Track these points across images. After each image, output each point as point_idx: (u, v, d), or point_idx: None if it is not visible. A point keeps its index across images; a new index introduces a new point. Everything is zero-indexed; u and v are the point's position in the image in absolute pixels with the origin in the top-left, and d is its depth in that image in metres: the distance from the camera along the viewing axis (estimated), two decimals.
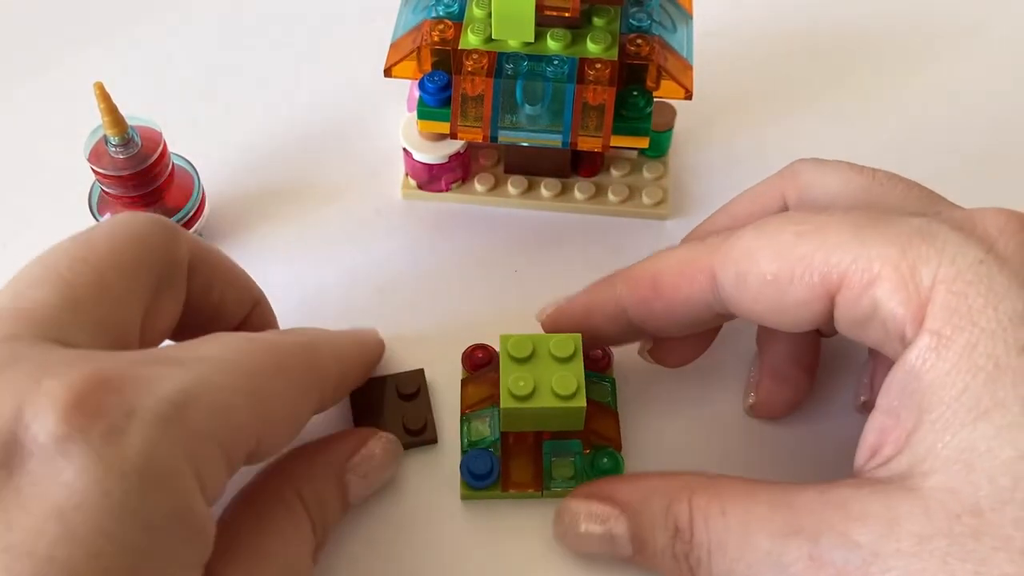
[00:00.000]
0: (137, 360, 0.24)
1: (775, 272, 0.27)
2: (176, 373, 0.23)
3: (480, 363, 0.35)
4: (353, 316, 0.37)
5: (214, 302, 0.31)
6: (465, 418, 0.33)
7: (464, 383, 0.34)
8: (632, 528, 0.28)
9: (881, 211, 0.27)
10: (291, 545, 0.27)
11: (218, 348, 0.26)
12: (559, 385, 0.30)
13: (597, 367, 0.35)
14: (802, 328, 0.28)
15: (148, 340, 0.28)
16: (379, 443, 0.31)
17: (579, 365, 0.31)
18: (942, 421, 0.23)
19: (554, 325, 0.33)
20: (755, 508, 0.26)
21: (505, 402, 0.30)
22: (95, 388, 0.22)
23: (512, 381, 0.30)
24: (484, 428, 0.33)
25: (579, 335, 0.31)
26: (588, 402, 0.30)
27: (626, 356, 0.35)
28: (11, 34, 0.48)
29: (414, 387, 0.34)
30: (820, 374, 0.35)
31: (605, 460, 0.32)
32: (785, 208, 0.32)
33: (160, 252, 0.28)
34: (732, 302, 0.29)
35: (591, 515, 0.29)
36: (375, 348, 0.35)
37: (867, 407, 0.34)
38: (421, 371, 0.35)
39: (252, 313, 0.32)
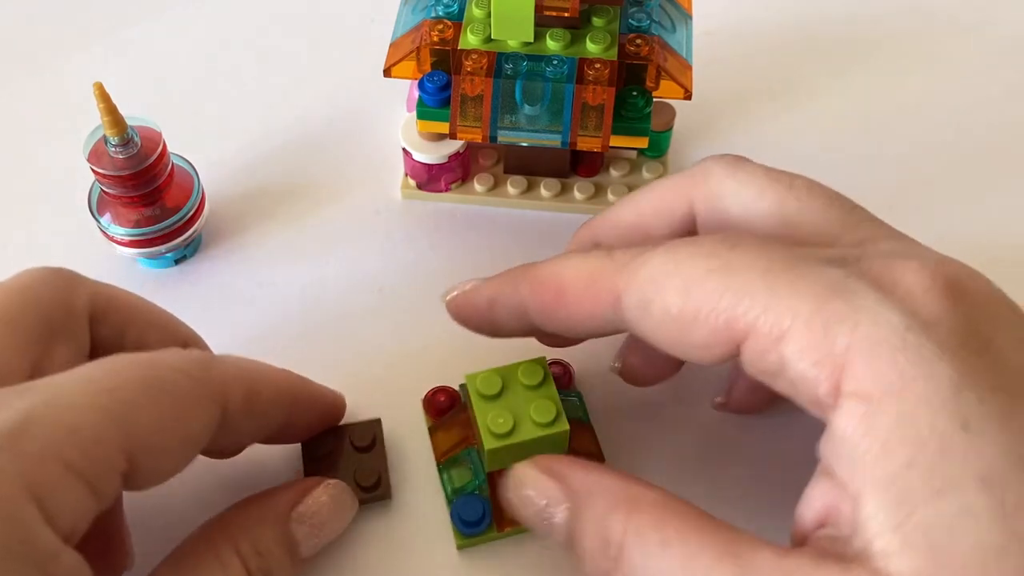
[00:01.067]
0: None
1: (680, 308, 0.25)
2: (21, 399, 0.23)
3: (443, 407, 0.34)
4: (352, 316, 0.37)
5: (130, 347, 0.29)
6: (443, 467, 0.33)
7: (432, 431, 0.33)
8: (571, 520, 0.26)
9: (797, 246, 0.25)
10: None
11: (82, 370, 0.25)
12: (538, 414, 0.30)
13: (560, 384, 0.33)
14: (707, 364, 0.26)
15: None
16: (326, 491, 0.30)
17: (551, 389, 0.31)
18: (893, 498, 0.22)
19: (458, 311, 0.31)
20: (701, 553, 0.24)
21: (489, 443, 0.30)
22: None
23: (491, 420, 0.30)
24: (466, 473, 0.32)
25: (544, 358, 0.31)
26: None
27: (587, 368, 0.35)
28: (11, 34, 0.48)
29: (369, 439, 0.32)
30: None
31: None
32: (691, 214, 0.30)
33: (48, 302, 0.27)
34: (635, 327, 0.27)
35: (538, 489, 0.27)
36: (299, 378, 0.31)
37: (722, 407, 0.34)
38: (378, 421, 0.33)
39: None
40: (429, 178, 0.40)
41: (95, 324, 0.29)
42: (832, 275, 0.23)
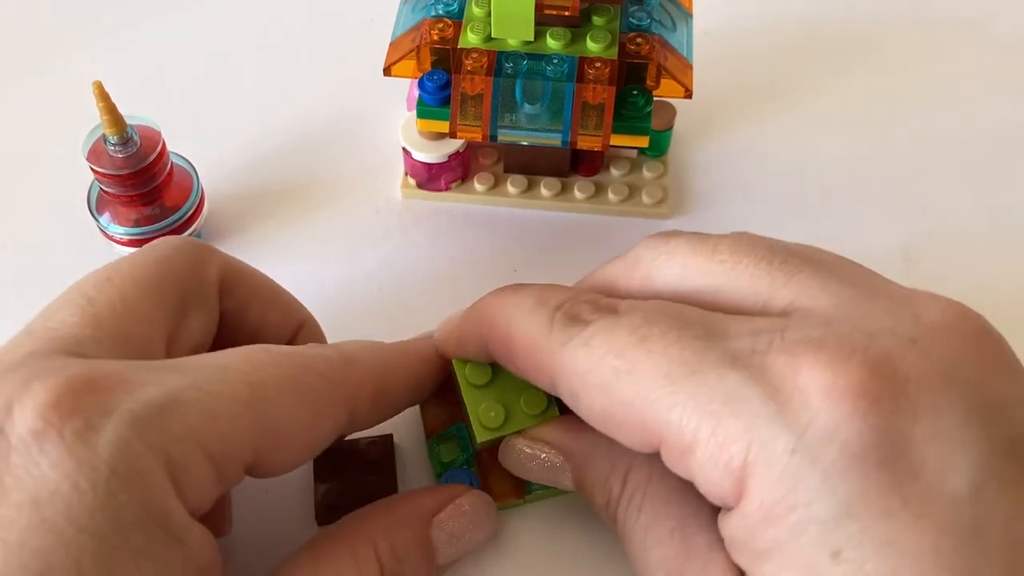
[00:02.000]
0: (136, 367, 0.24)
1: (600, 408, 0.25)
2: (168, 378, 0.24)
3: None
4: (352, 315, 0.37)
5: (253, 322, 0.30)
6: (432, 442, 0.33)
7: (423, 407, 0.33)
8: (575, 475, 0.29)
9: (714, 323, 0.25)
10: None
11: (227, 357, 0.26)
12: (528, 404, 0.30)
13: None
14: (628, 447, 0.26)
15: (177, 356, 0.28)
16: (468, 500, 0.30)
17: None
18: None
19: (443, 350, 0.31)
20: (662, 523, 0.26)
21: (480, 436, 0.30)
22: (76, 389, 0.22)
23: (482, 413, 0.30)
24: (454, 448, 0.32)
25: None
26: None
27: None
28: (10, 33, 0.48)
29: (380, 454, 0.32)
30: None
31: None
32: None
33: (184, 272, 0.28)
34: (570, 406, 0.27)
35: (536, 458, 0.29)
36: (426, 362, 0.32)
37: None
38: (390, 437, 0.33)
39: (297, 335, 0.32)
40: (429, 177, 0.40)
41: (223, 296, 0.30)
42: (730, 382, 0.23)
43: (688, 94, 0.36)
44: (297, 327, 0.32)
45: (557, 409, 0.30)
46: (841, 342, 0.23)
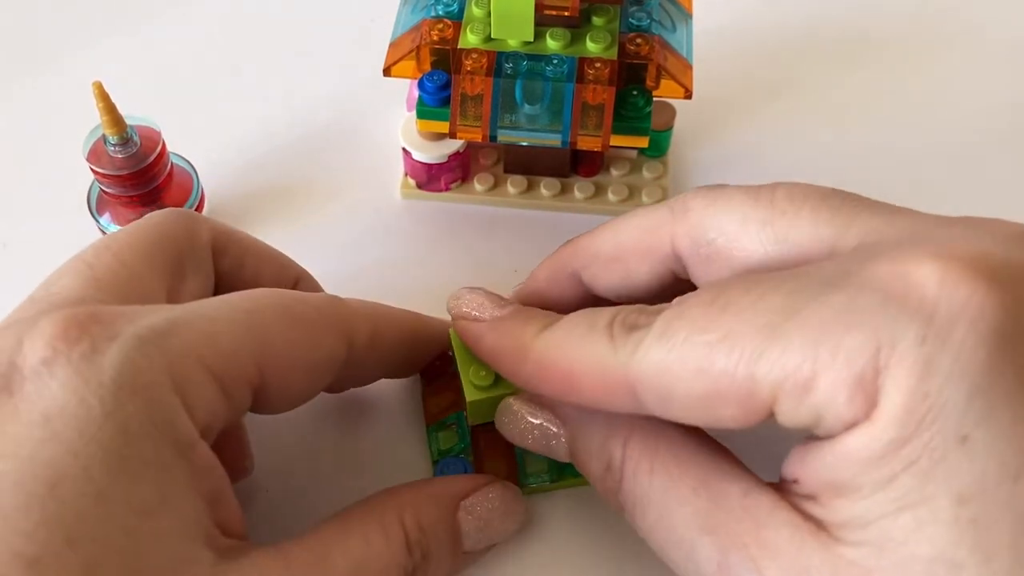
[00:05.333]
0: (137, 307, 0.25)
1: (699, 393, 0.24)
2: (167, 310, 0.25)
3: (438, 371, 0.34)
4: None
5: (248, 279, 0.31)
6: (431, 429, 0.33)
7: (425, 396, 0.34)
8: (569, 443, 0.29)
9: (790, 274, 0.24)
10: (373, 547, 0.26)
11: (223, 296, 0.27)
12: None
13: None
14: (736, 430, 0.25)
15: None
16: (498, 488, 0.30)
17: None
18: (865, 504, 0.22)
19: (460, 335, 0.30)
20: (681, 482, 0.25)
21: (471, 395, 0.30)
22: (82, 320, 0.24)
23: (473, 373, 0.30)
24: (452, 436, 0.33)
25: None
26: None
27: None
28: (10, 33, 0.48)
29: None
30: None
31: None
32: (672, 254, 0.28)
33: (179, 236, 0.29)
34: (660, 415, 0.25)
35: (533, 414, 0.29)
36: (420, 320, 0.33)
37: None
38: None
39: (295, 288, 0.33)
40: (429, 178, 0.40)
41: (217, 256, 0.31)
42: (836, 303, 0.22)
43: (688, 94, 0.36)
44: (294, 281, 0.33)
45: None
46: (938, 246, 0.22)
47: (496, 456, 0.32)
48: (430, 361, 0.34)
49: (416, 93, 0.36)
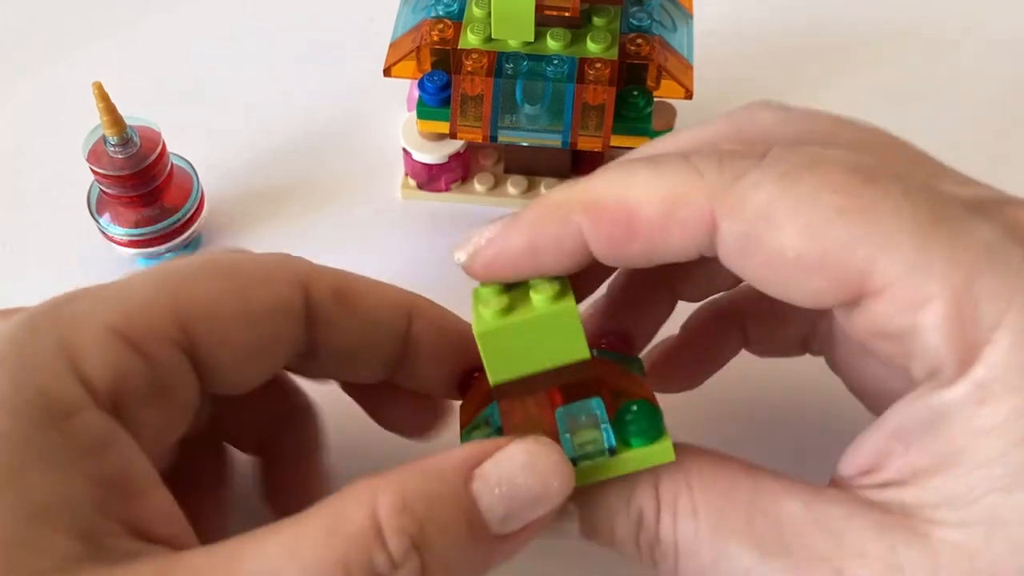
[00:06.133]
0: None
1: (799, 252, 0.21)
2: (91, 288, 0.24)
3: (467, 383, 0.30)
4: None
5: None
6: (465, 432, 0.29)
7: (462, 405, 0.30)
8: (583, 518, 0.25)
9: (936, 195, 0.22)
10: (305, 546, 0.20)
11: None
12: (538, 293, 0.24)
13: (619, 349, 0.30)
14: (806, 307, 0.23)
15: None
16: (521, 448, 0.23)
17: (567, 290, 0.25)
18: (970, 479, 0.20)
19: (487, 272, 0.25)
20: (731, 514, 0.23)
21: (479, 325, 0.24)
22: (9, 310, 0.23)
23: (482, 307, 0.24)
24: (484, 431, 0.29)
25: (566, 278, 0.25)
26: (610, 364, 0.26)
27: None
28: (10, 33, 0.48)
29: None
30: None
31: (635, 408, 0.24)
32: (709, 240, 0.24)
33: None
34: (730, 263, 0.23)
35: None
36: (402, 292, 0.29)
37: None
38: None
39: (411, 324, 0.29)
40: (429, 178, 0.40)
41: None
42: (986, 235, 0.21)
43: (688, 95, 0.36)
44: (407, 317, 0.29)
45: (574, 299, 0.24)
46: None
47: (532, 431, 0.25)
48: (463, 378, 0.29)
49: (416, 93, 0.36)
